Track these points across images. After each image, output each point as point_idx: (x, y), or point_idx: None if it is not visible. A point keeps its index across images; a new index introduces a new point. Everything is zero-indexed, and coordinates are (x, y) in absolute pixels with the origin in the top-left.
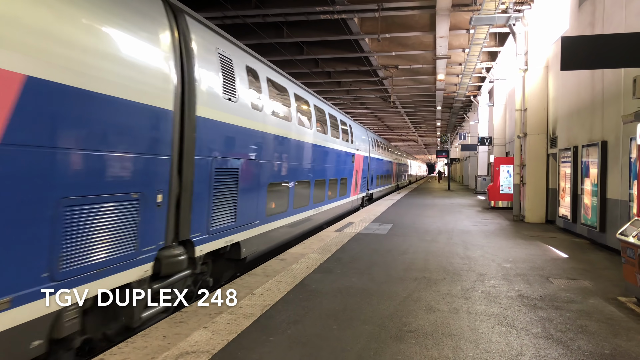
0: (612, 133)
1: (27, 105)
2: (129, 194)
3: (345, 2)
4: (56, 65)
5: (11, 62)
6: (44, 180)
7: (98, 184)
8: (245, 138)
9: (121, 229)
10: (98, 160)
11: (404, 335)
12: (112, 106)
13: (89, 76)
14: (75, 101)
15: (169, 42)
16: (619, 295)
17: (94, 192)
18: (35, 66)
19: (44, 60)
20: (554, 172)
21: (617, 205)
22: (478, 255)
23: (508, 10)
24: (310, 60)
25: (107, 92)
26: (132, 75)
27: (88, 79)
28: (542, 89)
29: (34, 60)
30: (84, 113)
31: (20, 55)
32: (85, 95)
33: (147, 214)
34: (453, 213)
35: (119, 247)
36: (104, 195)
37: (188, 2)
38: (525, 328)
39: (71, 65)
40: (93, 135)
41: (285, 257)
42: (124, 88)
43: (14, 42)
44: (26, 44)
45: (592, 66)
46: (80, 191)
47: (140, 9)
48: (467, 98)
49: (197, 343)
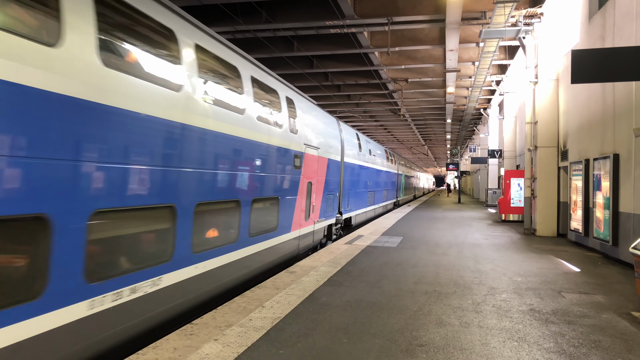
0: (624, 146)
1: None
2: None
3: (355, 17)
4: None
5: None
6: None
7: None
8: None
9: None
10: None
11: (414, 349)
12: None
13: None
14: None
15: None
16: (633, 310)
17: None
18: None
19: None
20: (565, 185)
21: (629, 219)
22: (489, 268)
23: (518, 23)
24: (320, 73)
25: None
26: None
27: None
28: (553, 101)
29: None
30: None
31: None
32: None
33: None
34: (463, 226)
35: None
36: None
37: (201, 17)
38: (537, 343)
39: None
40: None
41: (295, 269)
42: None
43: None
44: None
45: (603, 79)
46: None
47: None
48: (477, 111)
49: (208, 355)
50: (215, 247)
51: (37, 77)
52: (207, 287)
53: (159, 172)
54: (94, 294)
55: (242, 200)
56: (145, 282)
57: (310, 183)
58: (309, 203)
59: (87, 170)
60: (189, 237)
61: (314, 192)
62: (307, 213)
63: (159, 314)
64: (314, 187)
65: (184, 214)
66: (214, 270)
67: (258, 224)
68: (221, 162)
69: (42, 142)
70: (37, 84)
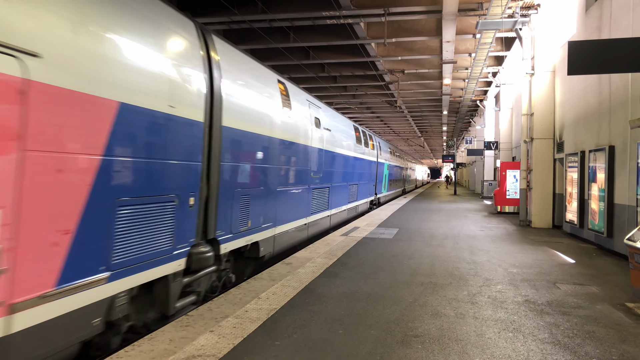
0: (620, 138)
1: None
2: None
3: (351, 7)
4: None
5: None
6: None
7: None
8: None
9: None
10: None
11: (410, 340)
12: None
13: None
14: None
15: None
16: (627, 301)
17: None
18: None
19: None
20: (560, 177)
21: (624, 211)
22: (484, 260)
23: (514, 14)
24: (317, 64)
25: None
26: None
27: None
28: (549, 93)
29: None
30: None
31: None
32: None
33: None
34: (459, 218)
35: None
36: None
37: (196, 7)
38: (532, 333)
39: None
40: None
41: (291, 261)
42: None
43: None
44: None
45: (599, 71)
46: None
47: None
48: (473, 102)
49: (204, 347)
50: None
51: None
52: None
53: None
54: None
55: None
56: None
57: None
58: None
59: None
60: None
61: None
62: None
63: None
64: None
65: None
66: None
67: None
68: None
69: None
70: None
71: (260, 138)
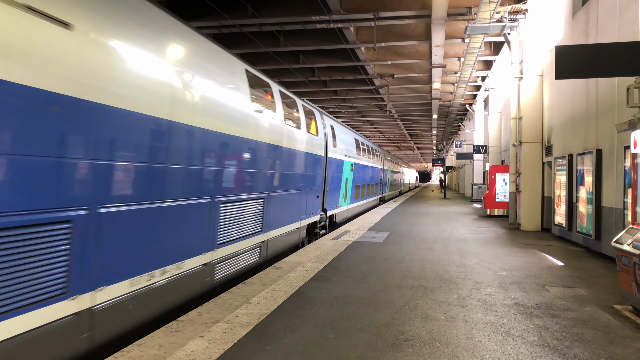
0: (607, 141)
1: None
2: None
3: (341, 12)
4: None
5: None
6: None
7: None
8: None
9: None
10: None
11: (400, 344)
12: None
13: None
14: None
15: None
16: (615, 303)
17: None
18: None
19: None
20: (549, 180)
21: (612, 213)
22: (474, 263)
23: (503, 19)
24: (307, 69)
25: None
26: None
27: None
28: (537, 97)
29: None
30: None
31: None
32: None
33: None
34: (449, 221)
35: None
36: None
37: (186, 11)
38: (522, 336)
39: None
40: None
41: (281, 265)
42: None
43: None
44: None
45: (586, 75)
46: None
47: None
48: (462, 106)
49: (194, 352)
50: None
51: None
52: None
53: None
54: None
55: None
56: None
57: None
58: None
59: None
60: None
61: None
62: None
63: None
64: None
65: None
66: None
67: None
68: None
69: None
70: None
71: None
